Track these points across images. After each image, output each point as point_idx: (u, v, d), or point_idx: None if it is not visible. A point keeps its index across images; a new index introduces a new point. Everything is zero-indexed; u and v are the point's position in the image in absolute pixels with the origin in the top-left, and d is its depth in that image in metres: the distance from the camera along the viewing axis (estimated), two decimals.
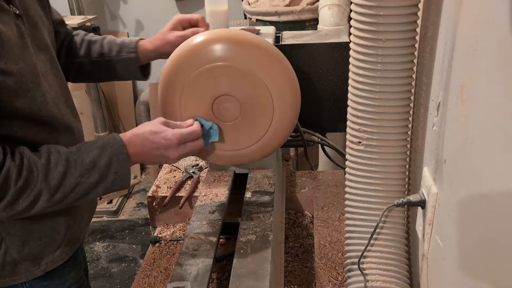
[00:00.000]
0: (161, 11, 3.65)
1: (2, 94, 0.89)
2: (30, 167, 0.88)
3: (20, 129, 0.95)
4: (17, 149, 0.90)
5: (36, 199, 0.90)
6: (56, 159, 0.91)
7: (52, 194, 0.91)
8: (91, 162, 0.93)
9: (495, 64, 0.65)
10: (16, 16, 0.94)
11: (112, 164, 0.95)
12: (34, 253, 1.03)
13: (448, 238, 0.85)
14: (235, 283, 0.96)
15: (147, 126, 1.00)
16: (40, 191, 0.89)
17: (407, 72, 0.95)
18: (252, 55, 1.09)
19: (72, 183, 0.92)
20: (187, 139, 1.02)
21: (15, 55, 0.90)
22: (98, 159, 0.94)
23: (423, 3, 0.97)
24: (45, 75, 1.00)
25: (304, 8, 2.47)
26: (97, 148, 0.95)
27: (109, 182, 0.95)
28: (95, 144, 0.96)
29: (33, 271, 1.04)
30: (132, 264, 2.89)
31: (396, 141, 1.00)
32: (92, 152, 0.94)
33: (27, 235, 1.01)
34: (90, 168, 0.93)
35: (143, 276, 1.31)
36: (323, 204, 1.52)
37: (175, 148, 1.00)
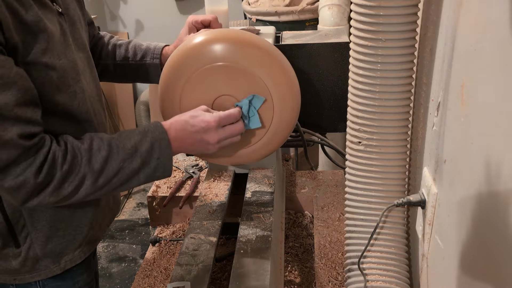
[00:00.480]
0: (161, 11, 3.65)
1: (46, 88, 0.91)
2: (74, 151, 0.90)
3: (61, 126, 0.96)
4: (60, 136, 0.93)
5: (80, 183, 0.91)
6: (99, 145, 0.93)
7: (96, 179, 0.92)
8: (132, 147, 0.94)
9: (495, 64, 0.65)
10: (59, 14, 0.96)
11: (154, 149, 0.96)
12: (56, 250, 1.04)
13: (448, 238, 0.85)
14: (235, 283, 0.96)
15: (189, 112, 1.02)
16: (84, 175, 0.91)
17: (407, 72, 0.95)
18: (252, 55, 1.09)
19: (114, 167, 0.93)
20: (225, 122, 1.02)
21: (58, 50, 0.92)
22: (139, 144, 0.95)
23: (423, 3, 0.97)
24: (84, 73, 1.03)
25: (304, 8, 2.47)
26: (138, 134, 0.96)
27: (151, 168, 0.96)
28: (136, 130, 0.97)
29: (52, 269, 1.05)
30: (132, 264, 2.89)
31: (396, 141, 1.00)
32: (133, 138, 0.95)
33: (52, 232, 1.02)
34: (132, 153, 0.94)
35: (143, 276, 1.31)
36: (323, 204, 1.52)
37: (214, 131, 1.00)
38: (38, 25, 0.88)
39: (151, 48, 1.29)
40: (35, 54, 0.88)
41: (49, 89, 0.92)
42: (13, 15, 0.84)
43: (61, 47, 0.94)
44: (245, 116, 1.09)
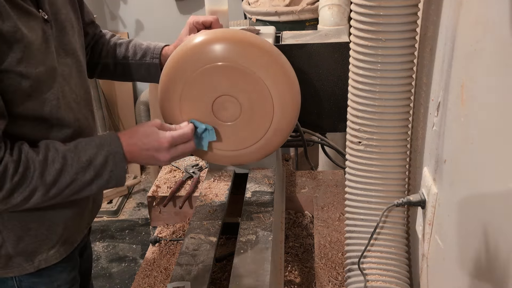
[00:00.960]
0: (161, 11, 3.65)
1: (17, 94, 0.91)
2: (27, 163, 0.90)
3: (31, 130, 0.97)
4: (16, 144, 0.92)
5: (31, 194, 0.92)
6: (53, 156, 0.93)
7: (47, 190, 0.93)
8: (87, 161, 0.95)
9: (495, 64, 0.65)
10: (44, 21, 0.96)
11: (108, 162, 0.97)
12: (29, 249, 1.04)
13: (448, 238, 0.85)
14: (235, 283, 0.96)
15: (142, 127, 1.03)
16: (36, 187, 0.92)
17: (407, 72, 0.95)
18: (252, 55, 1.09)
19: (67, 180, 0.94)
20: (178, 142, 1.04)
21: (36, 59, 0.92)
22: (94, 158, 0.96)
23: (423, 3, 0.97)
24: (68, 78, 1.02)
25: (304, 8, 2.47)
26: (94, 146, 0.97)
27: (104, 180, 0.98)
28: (92, 142, 0.98)
29: (25, 267, 1.05)
30: (132, 264, 2.89)
31: (396, 141, 1.00)
32: (89, 150, 0.96)
33: (23, 231, 1.02)
34: (86, 166, 0.95)
35: (143, 276, 1.31)
36: (323, 204, 1.52)
37: (165, 150, 1.02)
38: (15, 35, 0.88)
39: (151, 47, 1.30)
40: (9, 63, 0.88)
41: (21, 96, 0.92)
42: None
43: (40, 55, 0.93)
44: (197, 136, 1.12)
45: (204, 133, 1.13)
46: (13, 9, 0.88)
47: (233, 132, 1.16)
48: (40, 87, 0.94)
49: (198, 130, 1.11)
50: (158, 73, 1.27)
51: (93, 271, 2.84)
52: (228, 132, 1.16)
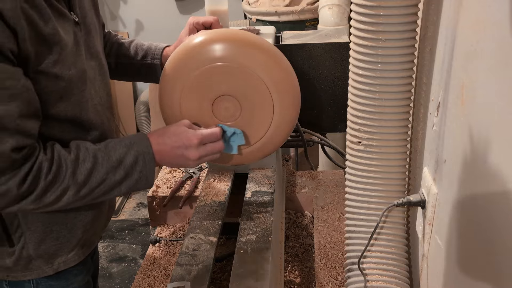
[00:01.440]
0: (161, 11, 3.65)
1: (50, 96, 0.92)
2: (60, 162, 0.91)
3: (61, 132, 0.97)
4: (49, 143, 0.93)
5: (63, 193, 0.92)
6: (84, 155, 0.94)
7: (78, 190, 0.93)
8: (117, 160, 0.96)
9: (495, 64, 0.65)
10: (75, 23, 0.97)
11: (138, 163, 0.97)
12: (50, 251, 1.04)
13: (448, 238, 0.85)
14: (235, 283, 0.96)
15: (171, 127, 1.04)
16: (68, 186, 0.92)
17: (407, 72, 0.95)
18: (252, 55, 1.09)
19: (98, 179, 0.94)
20: (207, 140, 1.04)
21: (69, 61, 0.93)
22: (124, 157, 0.96)
23: (423, 3, 0.97)
24: (93, 81, 1.04)
25: (304, 8, 2.47)
26: (124, 146, 0.97)
27: (133, 180, 0.98)
28: (122, 142, 0.98)
29: (45, 269, 1.05)
30: (132, 264, 2.89)
31: (396, 141, 1.00)
32: (119, 150, 0.97)
33: (46, 234, 1.03)
34: (116, 165, 0.96)
35: (143, 276, 1.31)
36: (323, 204, 1.52)
37: (195, 148, 1.02)
38: (54, 37, 0.89)
39: (152, 48, 1.30)
40: (47, 64, 0.89)
41: (54, 98, 0.93)
42: (31, 27, 0.85)
43: (72, 58, 0.94)
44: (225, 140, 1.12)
45: (233, 136, 1.13)
46: (52, 11, 0.90)
47: None
48: (71, 89, 0.95)
49: (227, 133, 1.12)
50: (158, 73, 1.27)
51: None
52: None
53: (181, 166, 1.05)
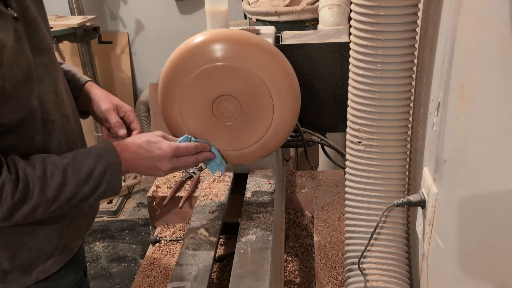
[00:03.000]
0: (161, 11, 3.65)
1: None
2: (26, 179, 0.88)
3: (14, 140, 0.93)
4: (10, 160, 0.89)
5: (33, 211, 0.90)
6: (52, 171, 0.91)
7: (48, 206, 0.92)
8: (86, 174, 0.94)
9: (495, 64, 0.65)
10: (14, 19, 0.91)
11: (106, 174, 0.96)
12: (25, 263, 1.02)
13: (448, 238, 0.85)
14: (235, 283, 0.96)
15: (145, 136, 1.03)
16: (37, 204, 0.90)
17: (407, 72, 0.95)
18: (252, 55, 1.09)
19: (68, 194, 0.93)
20: (181, 154, 1.04)
21: (10, 60, 0.88)
22: (93, 170, 0.95)
23: (423, 3, 0.97)
24: (43, 78, 0.98)
25: (304, 8, 2.47)
26: (92, 158, 0.96)
27: (101, 192, 0.97)
28: (90, 154, 0.97)
29: (23, 281, 1.03)
30: (132, 264, 2.89)
31: (396, 141, 1.00)
32: (87, 163, 0.95)
33: (18, 247, 1.00)
34: (85, 179, 0.94)
35: (143, 276, 1.31)
36: (323, 204, 1.52)
37: (168, 160, 1.02)
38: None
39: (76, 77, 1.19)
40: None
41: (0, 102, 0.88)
42: None
43: (14, 55, 0.89)
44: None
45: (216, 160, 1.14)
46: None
47: (233, 132, 1.16)
48: (17, 90, 0.90)
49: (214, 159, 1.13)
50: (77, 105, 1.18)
51: (93, 271, 2.86)
52: (228, 132, 1.16)
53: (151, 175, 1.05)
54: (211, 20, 1.36)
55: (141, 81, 3.92)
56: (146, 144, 1.01)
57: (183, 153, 1.05)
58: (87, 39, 3.19)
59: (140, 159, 1.01)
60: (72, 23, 3.00)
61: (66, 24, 2.99)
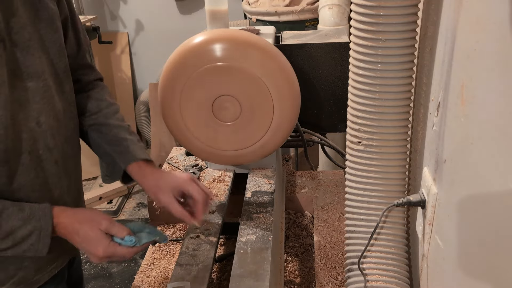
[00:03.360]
0: (161, 11, 3.65)
1: None
2: None
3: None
4: None
5: None
6: None
7: None
8: (6, 232, 0.89)
9: (495, 64, 0.65)
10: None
11: (31, 237, 0.91)
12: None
13: (448, 238, 0.85)
14: (235, 283, 0.96)
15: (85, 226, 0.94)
16: None
17: (407, 72, 0.95)
18: (252, 55, 1.09)
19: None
20: (115, 258, 0.97)
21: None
22: (16, 230, 0.89)
23: (423, 3, 0.97)
24: (24, 104, 0.93)
25: (304, 8, 2.47)
26: (20, 219, 0.90)
27: (21, 251, 0.91)
28: (19, 214, 0.90)
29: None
30: (132, 264, 2.89)
31: (396, 141, 1.00)
32: (12, 222, 0.89)
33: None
34: (4, 237, 0.89)
35: (143, 276, 1.31)
36: (323, 204, 1.52)
37: (98, 258, 0.95)
38: None
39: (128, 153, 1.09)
40: None
41: None
42: None
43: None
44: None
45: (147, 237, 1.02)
46: None
47: (233, 132, 1.16)
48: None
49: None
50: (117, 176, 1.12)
51: (93, 271, 2.85)
52: (228, 132, 1.17)
53: None
54: (211, 20, 1.36)
55: (141, 81, 3.92)
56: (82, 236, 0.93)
57: (117, 258, 0.97)
58: None
59: (72, 241, 0.95)
60: None
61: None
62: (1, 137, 0.89)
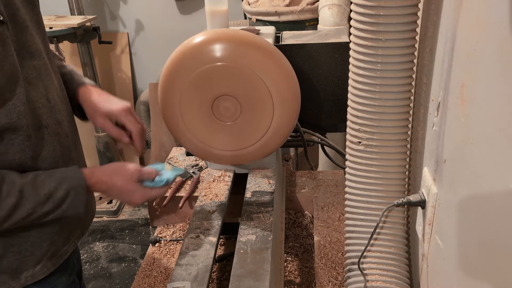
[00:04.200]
0: (161, 11, 3.65)
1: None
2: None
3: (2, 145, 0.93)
4: None
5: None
6: (8, 190, 0.90)
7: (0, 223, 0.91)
8: (46, 195, 0.94)
9: (495, 64, 0.65)
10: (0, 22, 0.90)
11: (69, 196, 0.96)
12: (13, 266, 1.01)
13: (448, 238, 0.85)
14: (235, 283, 0.96)
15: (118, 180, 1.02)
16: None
17: (407, 72, 0.95)
18: (252, 55, 1.09)
19: (23, 213, 0.92)
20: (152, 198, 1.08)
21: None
22: (54, 192, 0.95)
23: (423, 3, 0.97)
24: (34, 82, 0.98)
25: (304, 8, 2.47)
26: (55, 180, 0.95)
27: (61, 211, 0.97)
28: (52, 176, 0.96)
29: (12, 284, 1.02)
30: (132, 264, 2.89)
31: (396, 141, 1.00)
32: (48, 185, 0.94)
33: (5, 248, 0.99)
34: (44, 200, 0.94)
35: (143, 276, 1.31)
36: (323, 204, 1.52)
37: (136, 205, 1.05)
38: None
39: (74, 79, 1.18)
40: None
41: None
42: None
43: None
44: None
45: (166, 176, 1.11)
46: None
47: (233, 132, 1.16)
48: (1, 93, 0.89)
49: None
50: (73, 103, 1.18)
51: (93, 271, 2.86)
52: (228, 132, 1.16)
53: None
54: (211, 20, 1.36)
55: (141, 81, 3.92)
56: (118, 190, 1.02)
57: (154, 197, 1.07)
58: (87, 39, 3.19)
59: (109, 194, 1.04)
60: (72, 23, 3.00)
61: (66, 24, 2.99)
62: (22, 113, 0.93)
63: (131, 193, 1.03)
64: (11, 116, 0.92)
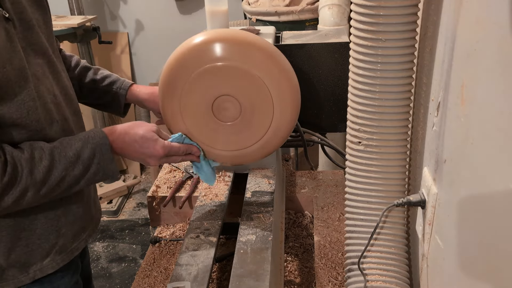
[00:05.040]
0: (161, 11, 3.65)
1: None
2: (14, 162, 0.89)
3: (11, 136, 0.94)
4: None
5: (22, 195, 0.91)
6: (40, 154, 0.92)
7: (38, 189, 0.92)
8: (74, 155, 0.96)
9: (495, 64, 0.65)
10: (6, 19, 0.92)
11: (96, 155, 0.98)
12: (21, 260, 1.01)
13: (448, 238, 0.85)
14: (235, 283, 0.96)
15: (140, 129, 1.05)
16: (26, 186, 0.90)
17: (407, 72, 0.95)
18: (252, 55, 1.09)
19: (57, 176, 0.94)
20: (171, 154, 1.08)
21: (3, 58, 0.89)
22: (81, 151, 0.96)
23: (423, 3, 0.97)
24: (41, 78, 0.99)
25: (304, 8, 2.47)
26: (79, 140, 0.98)
27: (91, 173, 0.98)
28: (77, 137, 0.98)
29: (20, 278, 1.02)
30: (132, 264, 2.89)
31: (396, 141, 1.00)
32: (75, 145, 0.97)
33: (14, 242, 1.00)
34: (74, 160, 0.95)
35: (143, 276, 1.31)
36: (323, 204, 1.52)
37: (158, 159, 1.06)
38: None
39: (120, 79, 1.31)
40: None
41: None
42: None
43: (6, 54, 0.90)
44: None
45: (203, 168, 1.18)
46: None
47: (233, 132, 1.16)
48: (11, 88, 0.90)
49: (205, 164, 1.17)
50: (121, 104, 1.30)
51: (93, 271, 2.85)
52: (228, 132, 1.16)
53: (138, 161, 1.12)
54: (211, 20, 1.36)
55: (141, 81, 3.92)
56: (140, 139, 1.04)
57: (173, 154, 1.09)
58: (87, 39, 3.19)
59: (131, 151, 1.04)
60: (72, 23, 3.00)
61: (66, 24, 2.99)
62: (32, 108, 0.95)
63: (154, 143, 1.04)
64: (21, 111, 0.93)
